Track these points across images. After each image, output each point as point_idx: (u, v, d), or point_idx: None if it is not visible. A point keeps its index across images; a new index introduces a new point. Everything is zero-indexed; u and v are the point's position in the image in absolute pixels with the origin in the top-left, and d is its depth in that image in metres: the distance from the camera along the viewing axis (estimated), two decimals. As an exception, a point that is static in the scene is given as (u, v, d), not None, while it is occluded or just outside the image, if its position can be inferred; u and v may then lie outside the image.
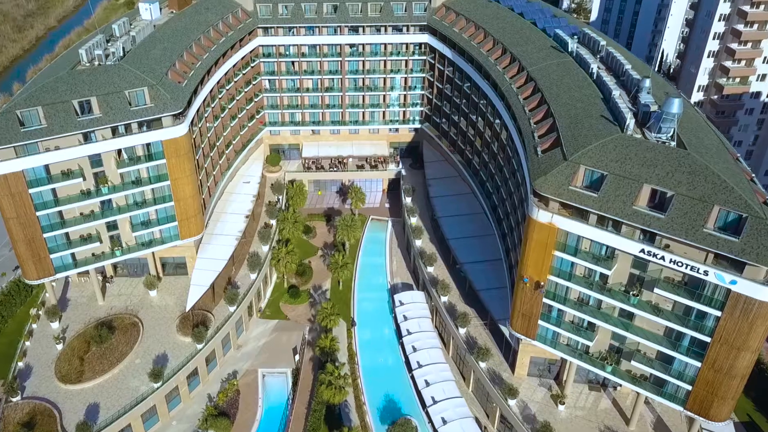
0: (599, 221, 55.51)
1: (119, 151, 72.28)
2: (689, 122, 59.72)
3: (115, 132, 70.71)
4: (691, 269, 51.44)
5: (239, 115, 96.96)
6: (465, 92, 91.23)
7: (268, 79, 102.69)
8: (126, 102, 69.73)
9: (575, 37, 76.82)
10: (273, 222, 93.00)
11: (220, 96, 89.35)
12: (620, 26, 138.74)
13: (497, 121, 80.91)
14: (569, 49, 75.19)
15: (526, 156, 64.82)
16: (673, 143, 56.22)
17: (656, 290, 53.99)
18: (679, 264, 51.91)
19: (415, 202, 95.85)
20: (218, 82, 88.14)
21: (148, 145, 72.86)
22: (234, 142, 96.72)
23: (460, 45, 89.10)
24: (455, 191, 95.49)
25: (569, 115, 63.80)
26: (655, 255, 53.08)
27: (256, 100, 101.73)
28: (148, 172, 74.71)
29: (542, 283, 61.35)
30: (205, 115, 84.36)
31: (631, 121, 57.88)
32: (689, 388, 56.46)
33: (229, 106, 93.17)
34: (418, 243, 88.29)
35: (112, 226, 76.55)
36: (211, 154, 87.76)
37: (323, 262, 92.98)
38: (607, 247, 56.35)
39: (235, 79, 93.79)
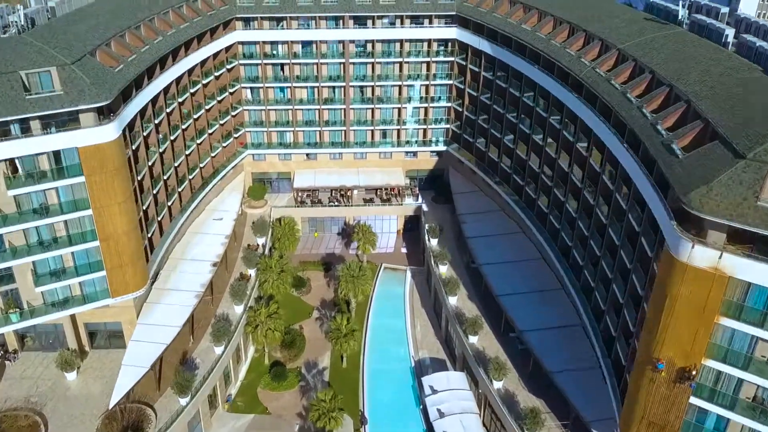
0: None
1: (11, 163, 48.00)
2: None
3: (5, 134, 46.62)
4: None
5: (209, 131, 73.12)
6: (512, 96, 67.75)
7: (250, 88, 79.41)
8: (21, 87, 45.86)
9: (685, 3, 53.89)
10: (252, 272, 68.05)
11: (181, 100, 65.74)
12: None
13: (565, 121, 57.34)
14: (679, 19, 52.14)
15: (647, 158, 40.74)
16: None
17: None
18: None
19: (444, 245, 71.08)
20: (178, 81, 64.72)
21: (57, 154, 48.73)
22: (202, 166, 72.57)
23: (505, 33, 66.16)
24: (499, 229, 70.91)
25: (715, 94, 39.92)
26: None
27: (233, 114, 78.18)
28: (59, 196, 50.24)
29: (691, 372, 36.14)
30: (156, 121, 60.54)
31: None
32: None
33: (195, 116, 69.44)
34: (452, 301, 63.15)
35: (4, 278, 51.57)
36: (165, 178, 63.47)
37: (320, 328, 67.45)
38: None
39: (204, 82, 70.35)
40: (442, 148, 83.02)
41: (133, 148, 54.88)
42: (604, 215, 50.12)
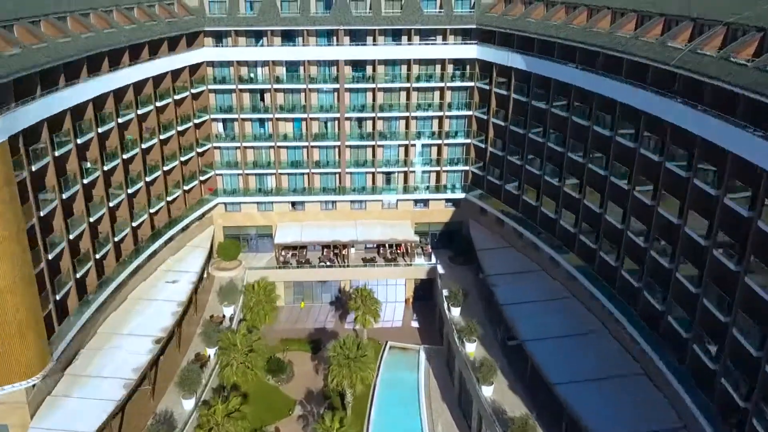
0: None
1: None
2: None
3: None
4: None
5: (164, 168, 57.11)
6: (558, 120, 52.13)
7: (222, 120, 64.21)
8: None
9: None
10: (211, 352, 50.16)
11: (122, 121, 50.01)
12: None
13: (670, 147, 40.89)
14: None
15: None
16: None
17: None
18: None
19: (469, 316, 53.51)
20: (118, 96, 49.22)
21: None
22: (153, 212, 56.07)
23: (547, 38, 51.31)
24: (543, 294, 53.66)
25: None
26: None
27: (200, 151, 62.54)
28: None
29: None
30: (80, 141, 44.43)
31: None
32: None
33: (144, 146, 53.53)
34: (486, 393, 44.99)
35: None
36: (92, 220, 46.65)
37: None
38: None
39: (159, 104, 54.98)
40: (459, 195, 66.83)
41: (33, 169, 38.46)
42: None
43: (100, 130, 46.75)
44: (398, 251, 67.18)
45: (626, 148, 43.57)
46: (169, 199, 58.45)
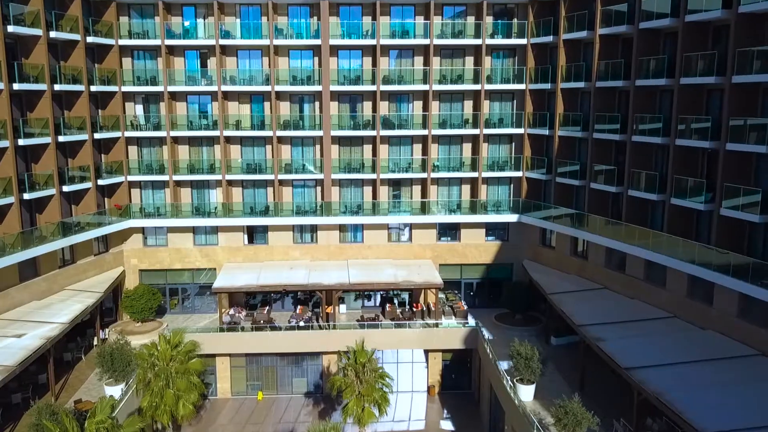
0: None
1: None
2: None
3: None
4: None
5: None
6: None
7: (142, 96, 41.75)
8: None
9: None
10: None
11: None
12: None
13: None
14: None
15: None
16: None
17: None
18: None
19: (550, 399, 27.92)
20: None
21: None
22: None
23: None
24: (699, 348, 28.39)
25: None
26: None
27: (103, 139, 39.62)
28: None
29: None
30: None
31: None
32: None
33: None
34: None
35: None
36: None
37: None
38: None
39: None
40: (508, 217, 42.91)
41: None
42: None
43: None
44: (415, 308, 42.43)
45: None
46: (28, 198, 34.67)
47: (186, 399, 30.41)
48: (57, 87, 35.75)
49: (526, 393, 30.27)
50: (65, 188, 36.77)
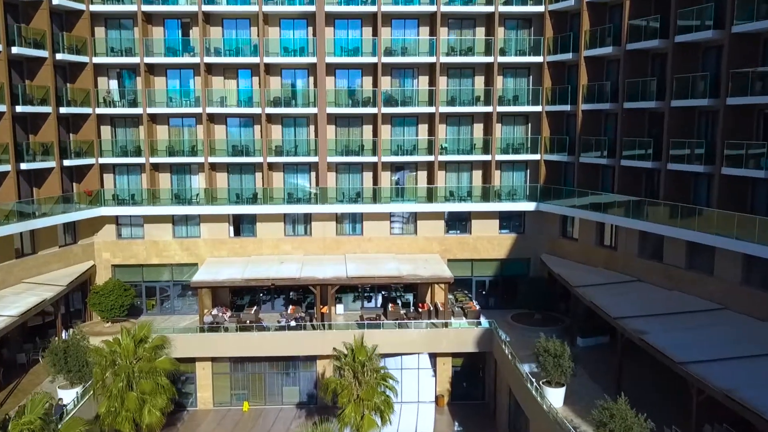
0: None
1: None
2: None
3: None
4: None
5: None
6: None
7: (116, 70, 37.52)
8: None
9: None
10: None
11: None
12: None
13: None
14: None
15: None
16: None
17: None
18: None
19: (582, 406, 23.10)
20: None
21: None
22: None
23: None
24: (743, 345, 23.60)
25: None
26: None
27: (70, 114, 35.36)
28: None
29: None
30: None
31: None
32: None
33: None
34: None
35: None
36: None
37: None
38: None
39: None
40: (526, 205, 38.35)
41: None
42: None
43: None
44: (421, 309, 37.68)
45: None
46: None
47: (152, 404, 25.46)
48: (15, 50, 31.46)
49: (555, 397, 25.44)
50: (23, 165, 32.30)
